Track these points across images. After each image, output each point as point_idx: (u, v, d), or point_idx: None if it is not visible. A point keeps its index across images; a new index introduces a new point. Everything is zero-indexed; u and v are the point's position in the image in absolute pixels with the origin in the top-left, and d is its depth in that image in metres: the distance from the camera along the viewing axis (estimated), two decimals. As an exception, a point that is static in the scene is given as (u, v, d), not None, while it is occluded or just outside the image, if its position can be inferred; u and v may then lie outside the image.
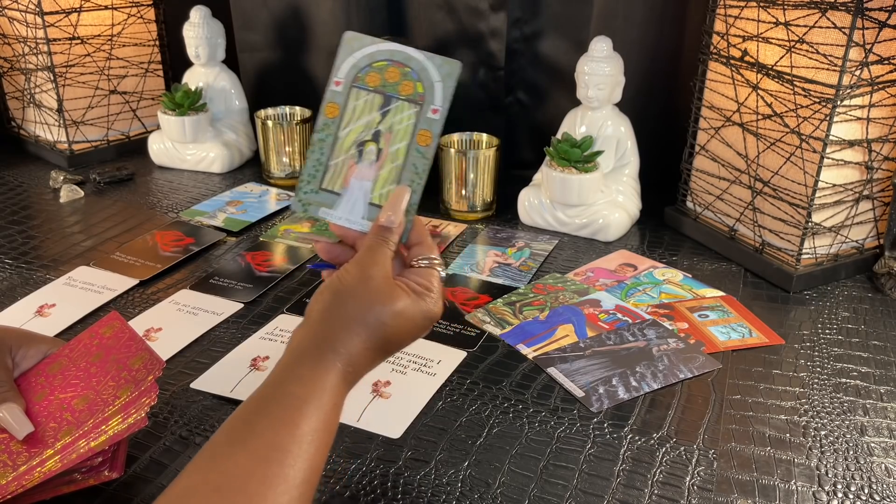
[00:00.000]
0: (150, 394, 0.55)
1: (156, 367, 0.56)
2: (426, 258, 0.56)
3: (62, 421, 0.53)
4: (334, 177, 0.58)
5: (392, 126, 0.58)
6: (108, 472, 0.54)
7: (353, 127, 0.58)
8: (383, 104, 0.58)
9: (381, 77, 0.58)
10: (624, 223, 0.99)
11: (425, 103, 0.57)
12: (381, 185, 0.57)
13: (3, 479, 0.50)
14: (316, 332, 0.50)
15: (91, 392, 0.55)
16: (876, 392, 0.70)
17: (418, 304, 0.52)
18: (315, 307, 0.52)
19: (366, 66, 0.58)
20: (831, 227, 0.87)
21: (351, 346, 0.50)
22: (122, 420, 0.53)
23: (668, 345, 0.75)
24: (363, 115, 0.58)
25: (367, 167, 0.58)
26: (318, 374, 0.48)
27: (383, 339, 0.51)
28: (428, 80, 0.58)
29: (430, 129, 0.57)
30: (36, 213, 1.06)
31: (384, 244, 0.54)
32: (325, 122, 0.59)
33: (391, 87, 0.58)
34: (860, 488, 0.58)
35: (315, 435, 0.46)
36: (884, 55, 0.79)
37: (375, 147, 0.58)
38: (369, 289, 0.51)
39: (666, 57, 1.09)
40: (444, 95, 0.57)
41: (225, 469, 0.43)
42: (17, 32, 1.22)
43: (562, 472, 0.59)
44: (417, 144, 0.57)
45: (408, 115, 0.57)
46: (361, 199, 0.58)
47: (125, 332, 0.60)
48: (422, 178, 0.57)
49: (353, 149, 0.58)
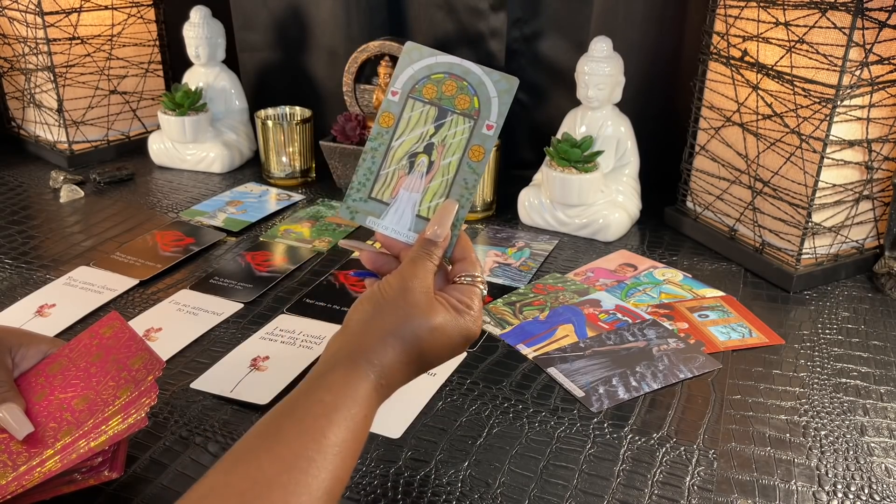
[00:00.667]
0: (150, 394, 0.54)
1: (156, 368, 0.56)
2: (469, 275, 0.55)
3: (62, 421, 0.53)
4: (384, 186, 0.58)
5: (445, 139, 0.57)
6: (108, 472, 0.54)
7: (406, 138, 0.58)
8: (438, 117, 0.58)
9: (438, 89, 0.58)
10: (624, 223, 0.99)
11: (480, 118, 0.57)
12: (429, 197, 0.57)
13: (3, 479, 0.50)
14: (352, 341, 0.50)
15: (91, 392, 0.55)
16: (876, 392, 0.70)
17: (457, 321, 0.52)
18: (354, 316, 0.52)
19: (424, 78, 0.58)
20: (831, 227, 0.87)
21: (385, 359, 0.50)
22: (122, 420, 0.53)
23: (668, 345, 0.75)
24: (417, 126, 0.58)
25: (417, 179, 0.57)
26: (350, 384, 0.48)
27: (419, 353, 0.51)
28: (485, 95, 0.57)
29: (483, 144, 0.57)
30: (36, 213, 1.06)
31: (428, 258, 0.54)
32: (380, 131, 0.59)
33: (447, 100, 0.58)
34: (860, 488, 0.58)
35: (342, 446, 0.45)
36: (884, 55, 0.79)
37: (427, 159, 0.57)
38: (408, 302, 0.51)
39: (666, 57, 1.09)
40: (499, 112, 0.57)
41: (249, 474, 0.42)
42: (17, 32, 1.22)
43: (562, 472, 0.59)
44: (469, 159, 0.57)
45: (462, 129, 0.57)
46: (409, 210, 0.57)
47: (125, 332, 0.60)
48: (471, 193, 0.57)
49: (404, 160, 0.58)
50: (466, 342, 0.53)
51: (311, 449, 0.44)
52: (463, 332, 0.52)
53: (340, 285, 0.87)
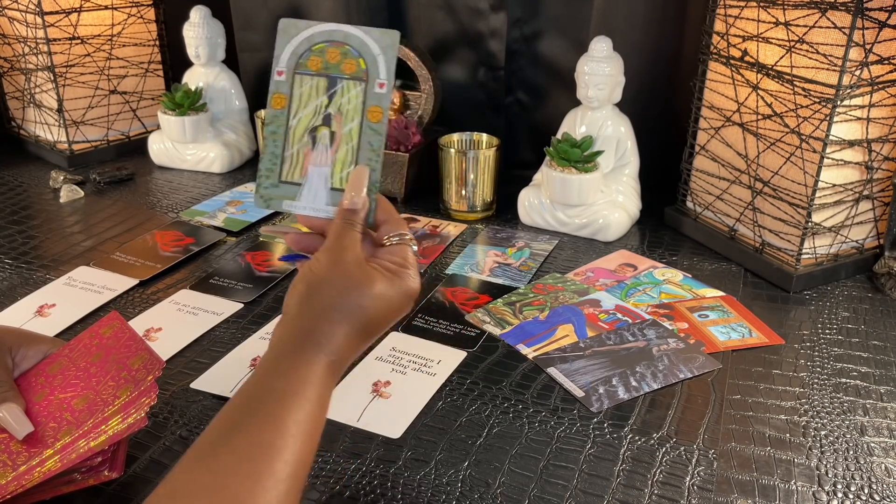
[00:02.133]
0: (150, 394, 0.54)
1: (155, 367, 0.56)
2: (397, 234, 0.55)
3: (62, 421, 0.53)
4: (292, 167, 0.57)
5: (341, 107, 0.57)
6: (108, 472, 0.54)
7: (302, 114, 0.57)
8: (329, 86, 0.57)
9: (323, 59, 0.57)
10: (624, 223, 0.99)
11: (370, 79, 0.56)
12: (339, 168, 0.57)
13: (2, 479, 0.50)
14: (294, 325, 0.50)
15: (91, 392, 0.55)
16: (876, 392, 0.70)
17: (395, 282, 0.52)
18: (291, 301, 0.51)
19: (305, 51, 0.58)
20: (831, 227, 0.87)
21: (332, 336, 0.49)
22: (122, 420, 0.53)
23: (667, 345, 0.75)
24: (310, 100, 0.57)
25: (322, 152, 0.57)
26: (301, 368, 0.47)
27: (364, 323, 0.50)
28: (370, 55, 0.57)
29: (379, 104, 0.56)
30: (36, 213, 1.06)
31: (351, 227, 0.53)
32: (274, 114, 0.58)
33: (334, 67, 0.57)
34: (860, 488, 0.58)
35: (300, 427, 0.45)
36: (884, 55, 0.79)
37: (328, 131, 0.57)
38: (343, 275, 0.50)
39: (666, 57, 1.09)
40: (387, 68, 0.56)
41: (211, 468, 0.42)
42: (17, 32, 1.22)
43: (562, 472, 0.59)
44: (369, 121, 0.56)
45: (355, 93, 0.56)
46: (322, 185, 0.57)
47: (125, 332, 0.60)
48: (379, 154, 0.56)
49: (305, 136, 0.57)
50: (410, 300, 0.53)
51: (271, 435, 0.44)
52: (405, 292, 0.52)
53: (340, 285, 0.86)
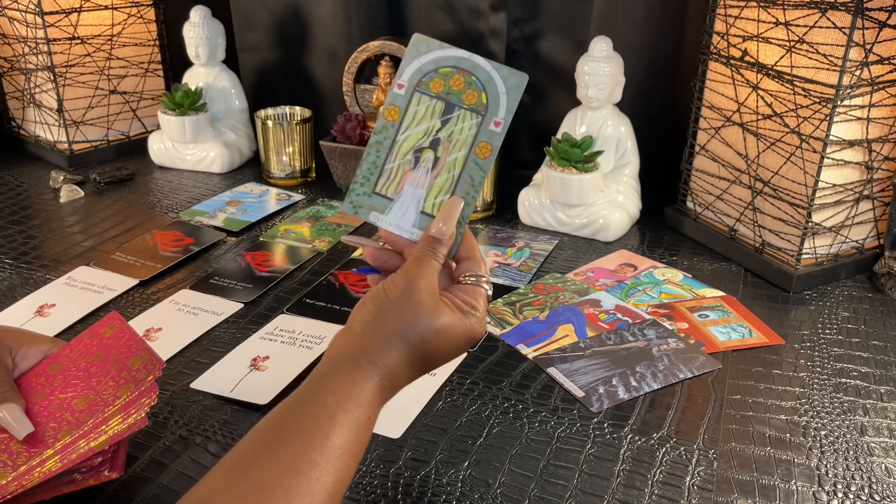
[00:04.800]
0: (150, 394, 0.54)
1: (156, 368, 0.56)
2: (474, 275, 0.54)
3: (62, 421, 0.53)
4: (388, 181, 0.57)
5: (452, 135, 0.56)
6: (108, 472, 0.54)
7: (412, 132, 0.57)
8: (445, 111, 0.56)
9: (446, 84, 0.56)
10: (624, 223, 0.99)
11: (488, 114, 0.56)
12: (435, 194, 0.56)
13: (3, 479, 0.50)
14: (356, 342, 0.50)
15: (91, 392, 0.55)
16: (876, 392, 0.70)
17: (462, 322, 0.51)
18: (358, 317, 0.51)
19: (431, 71, 0.57)
20: (831, 227, 0.87)
21: (389, 360, 0.49)
22: (122, 420, 0.53)
23: (668, 345, 0.75)
24: (424, 120, 0.56)
25: (422, 174, 0.56)
26: (354, 386, 0.47)
27: (423, 354, 0.50)
28: (493, 91, 0.56)
29: (490, 141, 0.55)
30: (36, 213, 1.06)
31: (433, 256, 0.53)
32: (384, 124, 0.57)
33: (455, 94, 0.56)
34: (860, 488, 0.58)
35: (345, 448, 0.45)
36: (884, 55, 0.79)
37: (433, 155, 0.56)
38: (413, 302, 0.50)
39: (666, 57, 1.09)
40: (507, 108, 0.55)
41: (250, 476, 0.42)
42: (17, 32, 1.22)
43: (562, 472, 0.59)
44: (476, 156, 0.55)
45: (469, 125, 0.56)
46: (414, 206, 0.56)
47: (125, 332, 0.60)
48: (477, 190, 0.56)
49: (410, 154, 0.56)
50: (470, 343, 0.53)
51: (314, 451, 0.43)
52: (467, 333, 0.52)
53: (340, 285, 0.87)
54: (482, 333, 0.53)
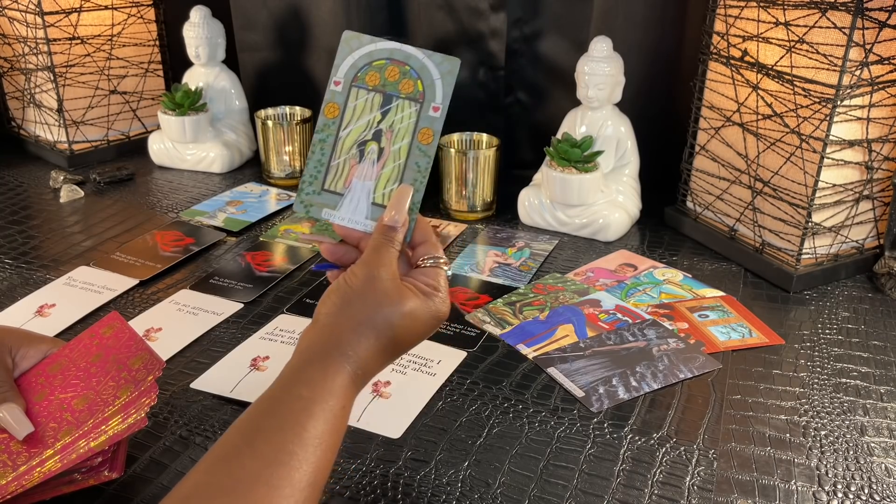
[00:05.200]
0: (150, 394, 0.54)
1: (156, 368, 0.56)
2: (432, 257, 0.56)
3: (62, 421, 0.53)
4: (336, 177, 0.58)
5: (393, 125, 0.57)
6: (108, 472, 0.54)
7: (353, 127, 0.58)
8: (383, 103, 0.58)
9: (381, 76, 0.58)
10: (624, 223, 0.99)
11: (426, 101, 0.57)
12: (383, 184, 0.57)
13: (2, 480, 0.50)
14: (324, 334, 0.50)
15: (91, 392, 0.55)
16: (876, 392, 0.70)
17: (426, 304, 0.53)
18: (323, 310, 0.52)
19: (365, 66, 0.58)
20: (831, 227, 0.87)
21: (360, 349, 0.50)
22: (122, 420, 0.53)
23: (668, 345, 0.75)
24: (363, 114, 0.58)
25: (368, 167, 0.58)
26: (327, 377, 0.48)
27: (392, 340, 0.51)
28: (428, 78, 0.57)
29: (431, 126, 0.57)
30: (36, 213, 1.06)
31: (389, 244, 0.54)
32: (326, 122, 0.59)
33: (391, 85, 0.58)
34: (860, 488, 0.58)
35: (322, 438, 0.46)
36: (884, 55, 0.79)
37: (377, 146, 0.57)
38: (377, 290, 0.51)
39: (666, 57, 1.09)
40: (444, 93, 0.57)
41: (231, 471, 0.43)
42: (17, 32, 1.22)
43: (562, 472, 0.59)
44: (419, 142, 0.57)
45: (408, 113, 0.57)
46: (364, 198, 0.57)
47: (125, 332, 0.60)
48: (424, 176, 0.57)
49: (354, 149, 0.58)
50: (438, 323, 0.54)
51: (292, 443, 0.44)
52: (433, 314, 0.53)
53: (340, 285, 0.87)
54: (447, 312, 0.54)
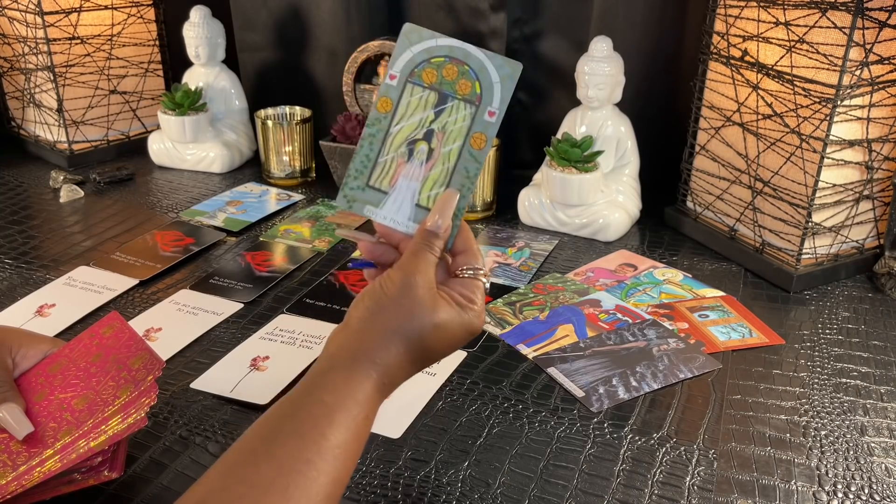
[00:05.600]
0: (150, 394, 0.54)
1: (156, 367, 0.56)
2: (471, 268, 0.53)
3: (62, 421, 0.53)
4: (382, 174, 0.56)
5: (446, 126, 0.55)
6: (108, 472, 0.54)
7: (405, 124, 0.55)
8: (438, 102, 0.55)
9: (438, 74, 0.55)
10: (624, 223, 0.99)
11: (482, 104, 0.55)
12: (429, 186, 0.55)
13: (2, 479, 0.50)
14: (353, 339, 0.49)
15: (91, 392, 0.55)
16: (876, 392, 0.70)
17: (461, 316, 0.51)
18: (355, 313, 0.51)
19: (423, 62, 0.55)
20: (831, 227, 0.87)
21: (388, 357, 0.49)
22: (122, 420, 0.53)
23: (668, 345, 0.75)
24: (417, 112, 0.55)
25: (416, 167, 0.55)
26: (352, 384, 0.47)
27: (421, 351, 0.50)
28: (487, 81, 0.55)
29: (485, 132, 0.54)
30: (36, 213, 1.06)
31: (429, 250, 0.52)
32: (377, 116, 0.56)
33: (448, 85, 0.55)
34: (860, 488, 0.58)
35: (343, 447, 0.44)
36: (884, 55, 0.79)
37: (427, 146, 0.55)
38: (411, 298, 0.50)
39: (666, 57, 1.09)
40: (502, 98, 0.54)
41: (246, 477, 0.42)
42: (17, 32, 1.22)
43: (562, 472, 0.59)
44: (471, 147, 0.55)
45: (463, 115, 0.55)
46: (409, 199, 0.55)
47: (125, 332, 0.60)
48: (472, 182, 0.55)
49: (403, 147, 0.55)
50: (469, 337, 0.52)
51: (311, 451, 0.43)
52: (466, 327, 0.51)
53: (340, 285, 0.87)
54: (480, 327, 0.52)
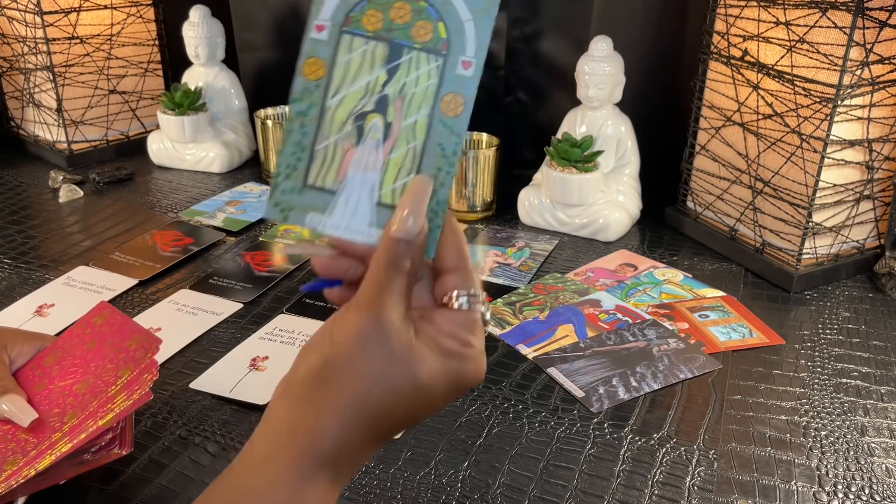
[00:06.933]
0: (151, 369, 0.55)
1: (153, 346, 0.57)
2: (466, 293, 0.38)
3: (66, 406, 0.54)
4: (324, 167, 0.41)
5: (405, 88, 0.41)
6: (119, 449, 0.55)
7: (347, 92, 0.41)
8: (390, 57, 0.41)
9: (385, 16, 0.41)
10: (624, 223, 0.99)
11: (451, 53, 0.40)
12: (392, 176, 0.41)
13: (14, 465, 0.50)
14: (296, 418, 0.36)
15: (91, 377, 0.56)
16: (876, 392, 0.69)
17: (450, 369, 0.36)
18: (301, 370, 0.37)
19: (362, 2, 0.41)
20: (832, 227, 0.87)
21: (345, 443, 0.35)
22: (128, 396, 0.54)
23: (668, 345, 0.75)
24: (361, 73, 0.41)
25: (371, 151, 0.41)
26: (293, 487, 0.35)
27: (391, 424, 0.36)
28: (454, 19, 0.40)
29: (460, 91, 0.40)
30: (35, 213, 1.06)
31: (396, 271, 0.37)
32: (305, 86, 0.41)
33: (400, 30, 0.41)
34: (860, 489, 0.58)
35: None
36: (884, 55, 0.79)
37: (382, 120, 0.41)
38: (372, 356, 0.35)
39: (666, 56, 1.08)
40: (478, 41, 0.40)
41: None
42: (16, 32, 1.22)
43: (562, 473, 0.59)
44: (443, 115, 0.40)
45: (427, 71, 0.40)
46: (366, 197, 0.41)
47: (117, 318, 0.60)
48: (451, 164, 0.40)
49: (349, 124, 0.41)
50: (465, 391, 0.38)
51: None
52: (459, 382, 0.37)
53: (340, 285, 0.86)
54: (481, 377, 0.38)
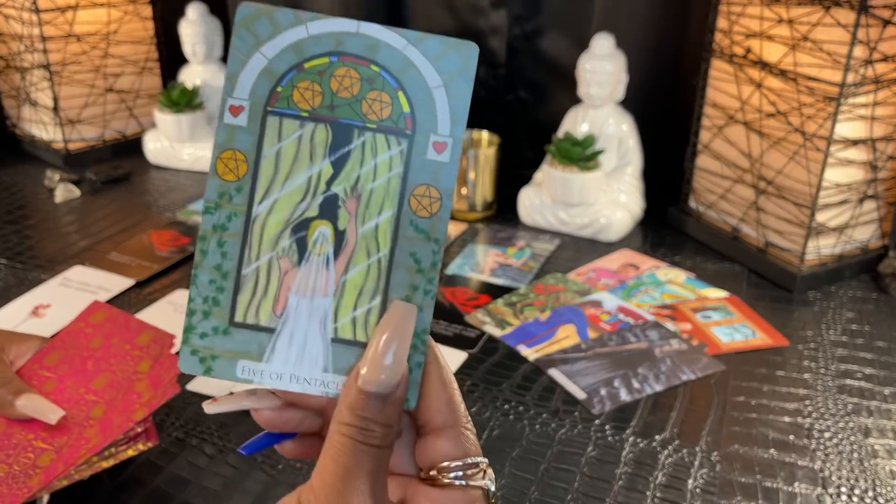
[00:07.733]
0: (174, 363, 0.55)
1: (167, 341, 0.57)
2: (461, 465, 0.30)
3: (86, 403, 0.54)
4: (255, 298, 0.32)
5: (360, 184, 0.31)
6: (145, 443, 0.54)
7: (279, 195, 0.31)
8: (335, 142, 0.31)
9: (324, 88, 0.31)
10: (626, 223, 0.98)
11: (418, 133, 0.31)
12: (350, 301, 0.31)
13: (46, 461, 0.50)
14: None
15: (107, 373, 0.56)
16: (881, 394, 0.69)
17: None
18: None
19: (290, 71, 0.31)
20: (835, 226, 0.86)
21: None
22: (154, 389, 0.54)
23: (670, 346, 0.74)
24: (298, 168, 0.31)
25: (318, 270, 0.32)
26: None
27: None
28: (419, 88, 0.31)
29: (435, 183, 0.31)
30: (31, 213, 1.05)
31: (368, 443, 0.29)
32: (222, 189, 0.31)
33: (346, 106, 0.31)
34: (864, 491, 0.57)
35: None
36: (888, 53, 0.78)
37: (331, 229, 0.31)
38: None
39: (668, 54, 1.08)
40: (453, 114, 0.31)
41: None
42: (12, 30, 1.21)
43: (563, 475, 0.58)
44: (414, 215, 0.31)
45: (387, 158, 0.31)
46: (316, 332, 0.31)
47: (118, 315, 0.60)
48: (431, 279, 0.31)
49: (285, 237, 0.31)
50: None
51: None
52: None
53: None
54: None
